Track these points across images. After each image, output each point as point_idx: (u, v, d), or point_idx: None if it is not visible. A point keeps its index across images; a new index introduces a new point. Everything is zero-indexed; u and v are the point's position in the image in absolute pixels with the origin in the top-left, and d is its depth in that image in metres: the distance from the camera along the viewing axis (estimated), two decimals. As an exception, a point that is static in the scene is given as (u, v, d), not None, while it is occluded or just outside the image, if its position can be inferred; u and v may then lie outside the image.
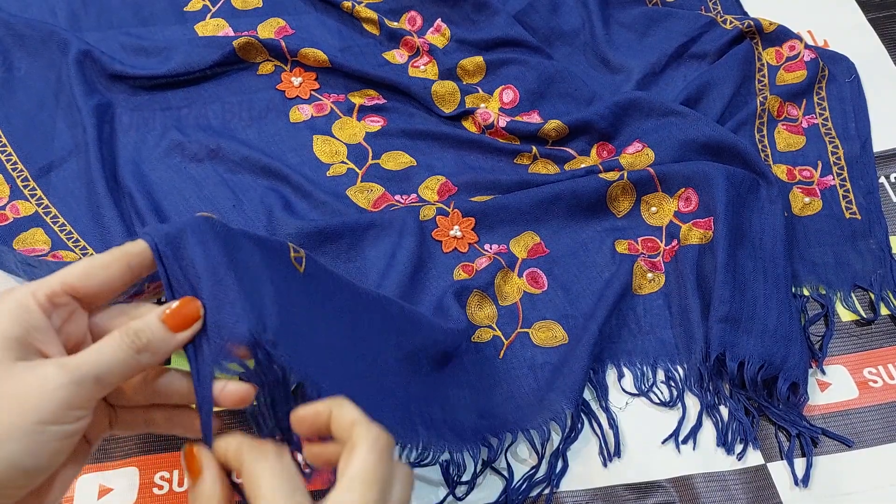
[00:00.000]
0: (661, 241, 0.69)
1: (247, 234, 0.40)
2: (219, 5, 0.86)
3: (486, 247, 0.69)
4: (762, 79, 0.80)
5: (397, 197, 0.72)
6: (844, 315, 0.65)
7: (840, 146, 0.75)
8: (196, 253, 0.36)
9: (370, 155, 0.75)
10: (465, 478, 0.56)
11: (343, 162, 0.74)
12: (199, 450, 0.36)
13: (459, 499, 0.55)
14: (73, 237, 0.68)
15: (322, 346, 0.42)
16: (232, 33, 0.83)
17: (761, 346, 0.60)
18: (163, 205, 0.70)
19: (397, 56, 0.83)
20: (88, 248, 0.67)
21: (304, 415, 0.36)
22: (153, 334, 0.35)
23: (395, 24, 0.84)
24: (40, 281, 0.35)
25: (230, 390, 0.36)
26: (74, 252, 0.67)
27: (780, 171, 0.74)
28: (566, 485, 0.57)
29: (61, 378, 0.33)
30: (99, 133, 0.73)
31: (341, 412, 0.35)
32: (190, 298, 0.36)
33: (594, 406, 0.60)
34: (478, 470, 0.56)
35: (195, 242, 0.37)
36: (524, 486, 0.56)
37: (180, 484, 0.56)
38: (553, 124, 0.74)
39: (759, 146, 0.75)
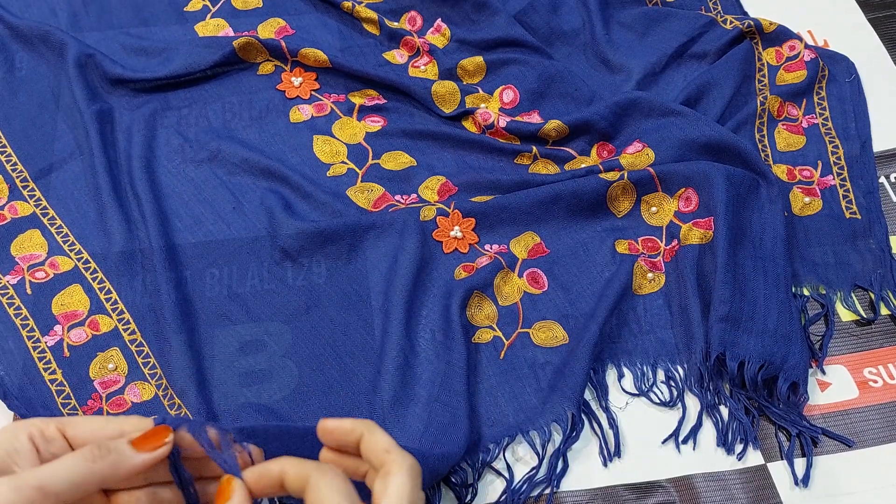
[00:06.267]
0: (662, 241, 0.69)
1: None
2: (219, 5, 0.86)
3: (487, 247, 0.69)
4: (762, 79, 0.80)
5: (397, 197, 0.72)
6: (844, 315, 0.65)
7: (840, 146, 0.75)
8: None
9: (370, 155, 0.75)
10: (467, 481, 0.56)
11: (343, 162, 0.75)
12: (234, 479, 0.37)
13: (467, 503, 0.56)
14: (69, 240, 0.68)
15: None
16: (232, 33, 0.84)
17: (761, 346, 0.60)
18: (163, 207, 0.70)
19: (397, 56, 0.83)
20: (84, 252, 0.67)
21: (334, 428, 0.39)
22: (116, 447, 0.36)
23: (395, 24, 0.84)
24: (39, 419, 0.38)
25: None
26: (70, 258, 0.67)
27: (780, 170, 0.74)
28: (566, 485, 0.57)
29: (2, 487, 0.34)
30: (102, 138, 0.73)
31: (373, 437, 0.38)
32: (164, 427, 0.38)
33: (594, 406, 0.60)
34: (478, 474, 0.57)
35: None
36: (524, 487, 0.56)
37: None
38: (553, 124, 0.74)
39: (759, 146, 0.75)
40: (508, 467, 0.57)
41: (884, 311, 0.65)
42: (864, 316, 0.65)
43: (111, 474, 0.36)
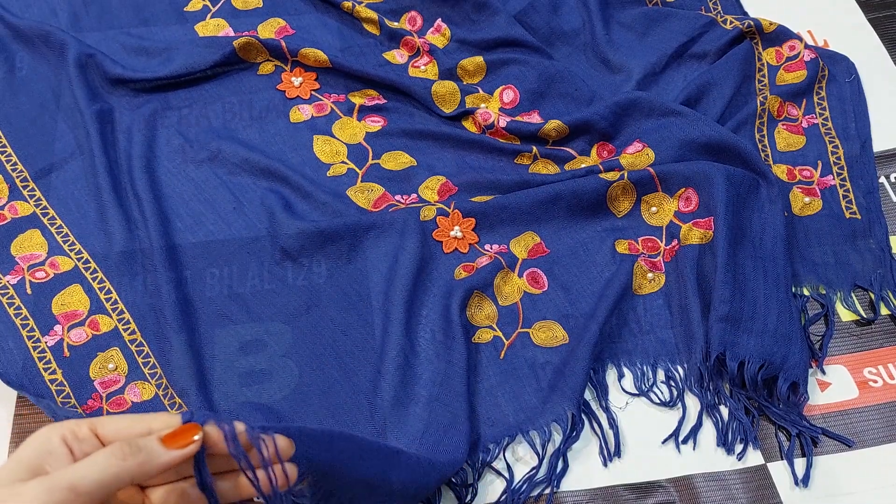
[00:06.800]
0: (662, 241, 0.69)
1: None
2: (219, 5, 0.86)
3: (487, 247, 0.69)
4: (762, 79, 0.80)
5: (397, 197, 0.72)
6: (844, 315, 0.65)
7: (840, 146, 0.75)
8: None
9: (370, 155, 0.75)
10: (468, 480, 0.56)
11: (343, 162, 0.75)
12: None
13: (467, 503, 0.56)
14: (69, 240, 0.68)
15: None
16: (232, 33, 0.84)
17: (761, 346, 0.60)
18: (163, 207, 0.70)
19: (397, 56, 0.83)
20: (84, 252, 0.67)
21: None
22: (146, 445, 0.37)
23: (395, 25, 0.84)
24: (72, 420, 0.39)
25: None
26: (70, 257, 0.67)
27: (781, 171, 0.74)
28: (566, 485, 0.57)
29: (35, 488, 0.34)
30: (102, 138, 0.73)
31: None
32: (193, 424, 0.38)
33: (594, 406, 0.60)
34: (478, 474, 0.57)
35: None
36: (524, 487, 0.56)
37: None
38: (553, 124, 0.74)
39: (759, 146, 0.75)
40: (508, 467, 0.57)
41: (884, 311, 0.65)
42: (864, 316, 0.65)
43: (140, 472, 0.36)
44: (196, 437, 0.37)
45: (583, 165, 0.74)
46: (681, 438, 0.59)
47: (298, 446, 0.40)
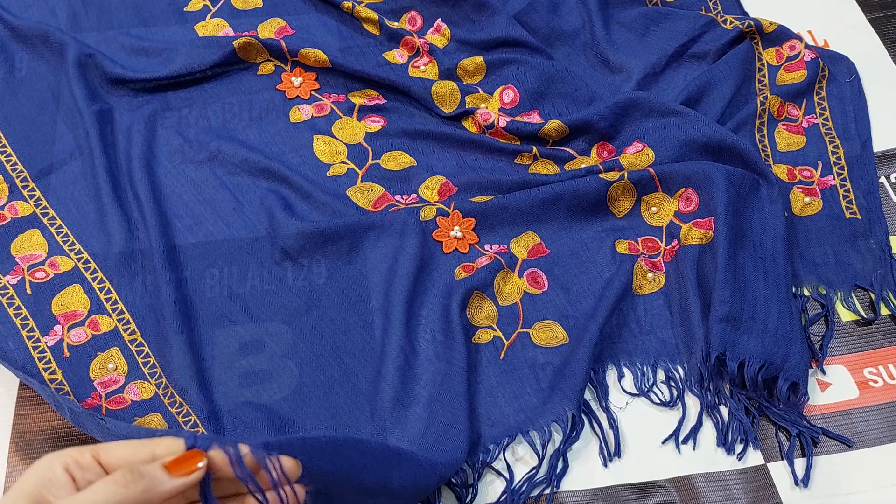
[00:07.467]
0: (662, 241, 0.69)
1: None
2: (219, 5, 0.86)
3: (487, 247, 0.69)
4: (762, 79, 0.80)
5: (397, 197, 0.72)
6: (844, 315, 0.65)
7: (840, 146, 0.75)
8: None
9: (370, 155, 0.75)
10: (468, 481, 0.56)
11: (343, 162, 0.75)
12: None
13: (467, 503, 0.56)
14: (69, 240, 0.68)
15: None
16: (232, 33, 0.84)
17: (761, 346, 0.60)
18: (163, 207, 0.70)
19: (397, 56, 0.83)
20: (84, 252, 0.67)
21: None
22: (150, 472, 0.36)
23: (395, 25, 0.84)
24: (74, 448, 0.38)
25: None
26: (70, 258, 0.67)
27: (781, 171, 0.74)
28: (566, 485, 0.57)
29: None
30: (102, 138, 0.73)
31: None
32: (197, 451, 0.37)
33: (594, 406, 0.60)
34: (478, 475, 0.57)
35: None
36: (525, 487, 0.56)
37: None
38: (553, 124, 0.74)
39: (760, 146, 0.75)
40: (508, 467, 0.57)
41: (884, 311, 0.65)
42: (864, 316, 0.65)
43: (144, 500, 0.36)
44: (200, 464, 0.37)
45: (583, 165, 0.74)
46: (681, 438, 0.59)
47: (302, 460, 0.40)
